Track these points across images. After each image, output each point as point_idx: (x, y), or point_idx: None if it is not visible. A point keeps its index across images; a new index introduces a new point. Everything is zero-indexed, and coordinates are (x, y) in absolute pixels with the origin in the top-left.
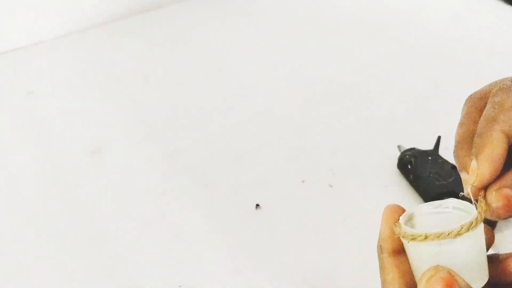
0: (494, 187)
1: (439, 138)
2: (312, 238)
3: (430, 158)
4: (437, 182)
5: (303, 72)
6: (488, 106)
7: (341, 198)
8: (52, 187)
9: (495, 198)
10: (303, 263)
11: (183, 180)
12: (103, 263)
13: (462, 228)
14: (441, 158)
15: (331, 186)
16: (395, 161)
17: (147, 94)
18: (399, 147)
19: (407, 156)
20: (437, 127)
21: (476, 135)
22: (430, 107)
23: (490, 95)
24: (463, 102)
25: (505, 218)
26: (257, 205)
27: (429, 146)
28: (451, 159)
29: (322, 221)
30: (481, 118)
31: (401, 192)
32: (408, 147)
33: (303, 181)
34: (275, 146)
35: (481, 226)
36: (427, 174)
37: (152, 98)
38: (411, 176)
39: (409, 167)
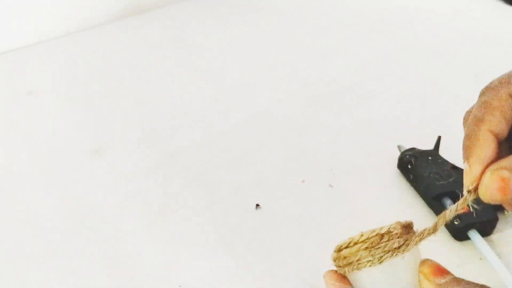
0: (492, 168)
1: (439, 138)
2: (312, 238)
3: (430, 158)
4: (437, 182)
5: (303, 72)
6: (475, 106)
7: (341, 198)
8: (52, 187)
9: (489, 179)
10: (303, 263)
11: (183, 180)
12: (103, 263)
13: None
14: (441, 158)
15: (331, 186)
16: (395, 161)
17: (147, 94)
18: (399, 147)
19: (407, 156)
20: (437, 127)
21: (464, 137)
22: (430, 107)
23: (479, 95)
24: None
25: (501, 204)
26: (257, 205)
27: (429, 146)
28: (451, 159)
29: (322, 221)
30: (469, 119)
31: (401, 192)
32: (408, 147)
33: (303, 181)
34: (275, 146)
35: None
36: (427, 174)
37: (152, 98)
38: (411, 176)
39: (409, 167)
